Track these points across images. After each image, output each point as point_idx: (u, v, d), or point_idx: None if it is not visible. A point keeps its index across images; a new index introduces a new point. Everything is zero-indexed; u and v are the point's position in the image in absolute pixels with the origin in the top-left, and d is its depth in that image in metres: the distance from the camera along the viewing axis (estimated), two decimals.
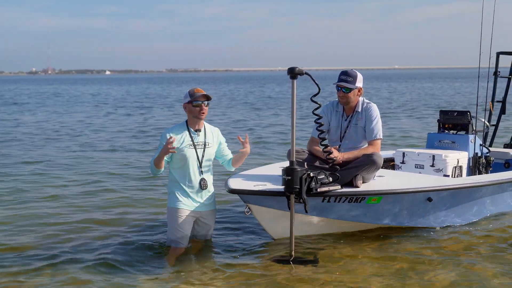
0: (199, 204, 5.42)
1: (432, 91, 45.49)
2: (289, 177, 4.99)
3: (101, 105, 32.33)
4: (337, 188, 5.30)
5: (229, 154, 5.67)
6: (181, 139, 5.32)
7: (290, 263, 5.14)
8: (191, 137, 5.37)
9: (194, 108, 5.31)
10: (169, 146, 5.06)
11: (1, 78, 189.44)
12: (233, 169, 5.73)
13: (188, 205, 5.38)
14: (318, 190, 5.13)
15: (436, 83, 69.27)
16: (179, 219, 5.37)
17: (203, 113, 5.34)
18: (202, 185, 5.40)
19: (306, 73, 5.05)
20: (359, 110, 5.86)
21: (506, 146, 8.70)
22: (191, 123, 5.41)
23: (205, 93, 5.34)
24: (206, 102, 5.34)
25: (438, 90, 47.32)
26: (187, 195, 5.38)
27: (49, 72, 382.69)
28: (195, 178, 5.38)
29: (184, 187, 5.37)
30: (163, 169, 5.32)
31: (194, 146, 5.36)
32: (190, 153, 5.34)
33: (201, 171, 5.41)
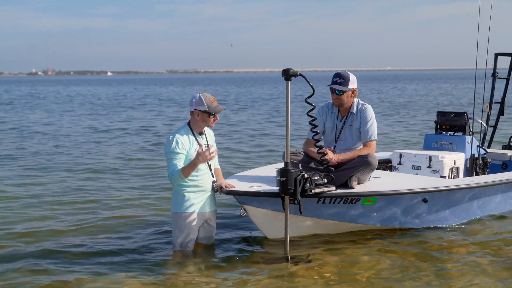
0: (207, 205, 5.43)
1: (428, 92, 45.44)
2: (284, 179, 5.00)
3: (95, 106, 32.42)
4: (331, 189, 5.30)
5: (215, 159, 5.63)
6: (190, 143, 5.30)
7: (285, 264, 5.15)
8: (197, 140, 5.37)
9: (209, 118, 5.32)
10: (210, 155, 5.08)
11: (0, 79, 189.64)
12: None
13: (197, 208, 5.36)
14: (313, 191, 5.14)
15: (432, 84, 69.22)
16: (189, 223, 5.35)
17: (214, 122, 5.39)
18: (215, 187, 5.42)
19: (300, 75, 5.06)
20: (354, 111, 5.87)
21: (505, 147, 8.69)
22: (196, 127, 5.38)
23: (222, 107, 5.38)
24: None
25: (434, 91, 47.27)
26: (198, 198, 5.36)
27: (49, 73, 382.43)
28: (207, 180, 5.38)
29: (195, 190, 5.33)
30: None
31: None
32: None
33: (212, 173, 5.44)
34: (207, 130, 5.55)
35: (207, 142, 5.45)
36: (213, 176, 5.45)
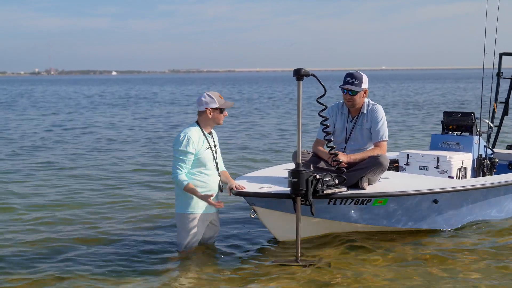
0: (212, 206, 5.36)
1: (431, 92, 45.49)
2: (296, 179, 4.96)
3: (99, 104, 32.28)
4: (343, 190, 5.26)
5: (220, 161, 5.58)
6: (201, 143, 5.26)
7: (296, 265, 5.11)
8: (207, 140, 5.34)
9: (220, 115, 5.32)
10: (217, 206, 5.20)
11: (3, 79, 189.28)
12: None
13: (203, 209, 5.32)
14: (325, 192, 5.09)
15: (434, 84, 69.29)
16: (195, 224, 5.31)
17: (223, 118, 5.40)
18: (221, 187, 5.41)
19: (312, 75, 5.02)
20: (365, 111, 5.83)
21: (509, 147, 8.67)
22: (206, 126, 5.35)
23: (232, 102, 5.47)
24: None
25: (437, 91, 47.35)
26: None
27: (52, 72, 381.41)
28: (214, 180, 5.36)
29: (202, 190, 5.27)
30: None
31: (211, 148, 5.35)
32: (208, 156, 5.30)
33: (219, 173, 5.41)
34: (212, 130, 5.52)
35: (214, 143, 5.43)
36: (219, 176, 5.41)
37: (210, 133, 5.40)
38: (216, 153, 5.41)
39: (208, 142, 5.32)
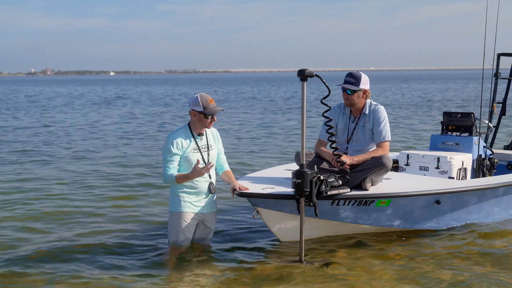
0: (203, 206, 5.38)
1: (426, 93, 45.67)
2: (300, 180, 4.93)
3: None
4: (346, 191, 5.25)
5: (224, 161, 5.57)
6: (186, 144, 5.26)
7: (300, 267, 5.08)
8: (195, 141, 5.31)
9: (205, 119, 5.25)
10: (204, 171, 5.10)
11: None
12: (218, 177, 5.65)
13: (193, 208, 5.33)
14: (328, 193, 5.08)
15: (433, 84, 69.54)
16: (184, 223, 5.32)
17: (212, 123, 5.31)
18: (212, 189, 5.38)
19: (316, 75, 4.99)
20: (367, 112, 5.82)
21: (506, 147, 8.70)
22: (195, 128, 5.33)
23: (219, 108, 5.29)
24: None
25: (434, 91, 47.54)
26: (193, 199, 5.32)
27: (48, 73, 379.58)
28: (204, 182, 5.33)
29: (191, 191, 5.30)
30: None
31: (200, 150, 5.31)
32: (196, 158, 5.28)
33: (209, 174, 5.36)
34: (210, 130, 5.48)
35: (208, 143, 5.39)
36: (210, 178, 5.38)
37: (200, 134, 5.35)
38: (208, 154, 5.37)
39: (197, 143, 5.30)
